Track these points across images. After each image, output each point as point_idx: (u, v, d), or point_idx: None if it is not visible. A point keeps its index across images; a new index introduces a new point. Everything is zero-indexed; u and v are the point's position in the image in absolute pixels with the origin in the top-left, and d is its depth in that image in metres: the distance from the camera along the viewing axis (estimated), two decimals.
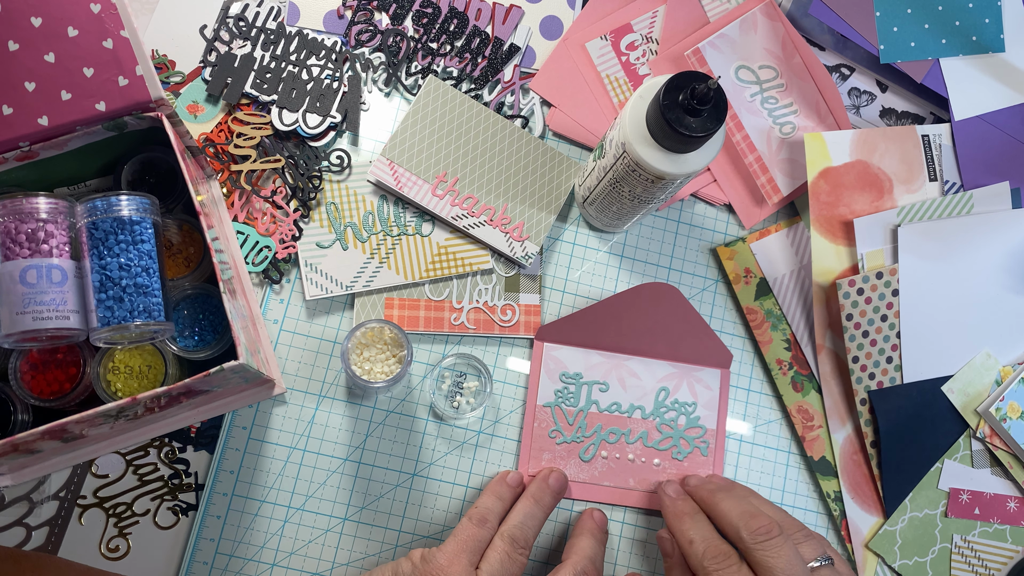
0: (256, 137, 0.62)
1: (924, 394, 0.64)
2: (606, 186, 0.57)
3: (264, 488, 0.59)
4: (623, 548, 0.62)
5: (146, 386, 0.54)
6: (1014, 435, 0.63)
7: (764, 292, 0.66)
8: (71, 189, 0.56)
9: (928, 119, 0.70)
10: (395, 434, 0.61)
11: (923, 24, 0.68)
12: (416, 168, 0.63)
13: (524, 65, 0.67)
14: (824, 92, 0.68)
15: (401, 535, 0.60)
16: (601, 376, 0.63)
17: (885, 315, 0.63)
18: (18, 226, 0.47)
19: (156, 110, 0.51)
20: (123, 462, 0.59)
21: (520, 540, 0.54)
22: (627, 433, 0.62)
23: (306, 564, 0.59)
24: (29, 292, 0.47)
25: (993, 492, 0.64)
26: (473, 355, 0.61)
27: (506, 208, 0.63)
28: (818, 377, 0.65)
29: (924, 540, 0.63)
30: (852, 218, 0.65)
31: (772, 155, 0.67)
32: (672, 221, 0.67)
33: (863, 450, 0.64)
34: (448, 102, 0.64)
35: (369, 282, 0.61)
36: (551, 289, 0.65)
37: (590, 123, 0.66)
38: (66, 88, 0.49)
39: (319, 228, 0.62)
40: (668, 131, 0.48)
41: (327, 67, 0.64)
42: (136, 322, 0.48)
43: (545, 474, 0.59)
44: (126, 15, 0.49)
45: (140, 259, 0.49)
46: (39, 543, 0.57)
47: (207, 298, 0.56)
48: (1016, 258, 0.66)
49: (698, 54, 0.67)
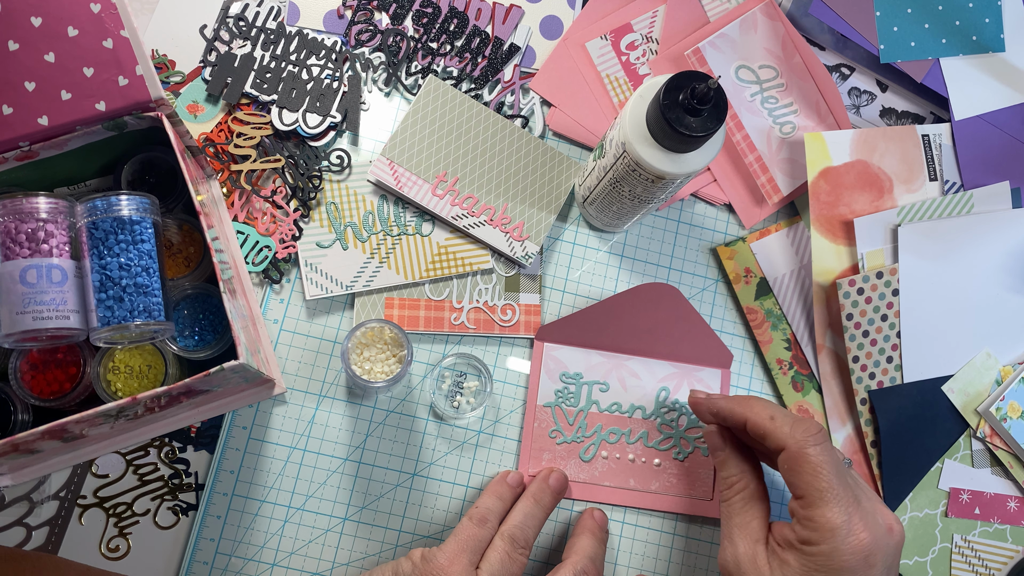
0: (256, 137, 0.62)
1: (924, 394, 0.64)
2: (606, 186, 0.57)
3: (264, 488, 0.59)
4: (623, 548, 0.62)
5: (146, 386, 0.54)
6: (1014, 435, 0.63)
7: (764, 292, 0.66)
8: (71, 189, 0.56)
9: (928, 119, 0.70)
10: (395, 434, 0.61)
11: (923, 24, 0.68)
12: (416, 168, 0.63)
13: (524, 65, 0.67)
14: (824, 92, 0.68)
15: (401, 535, 0.60)
16: (601, 376, 0.63)
17: (885, 315, 0.63)
18: (18, 226, 0.47)
19: (156, 110, 0.51)
20: (123, 462, 0.59)
21: (520, 540, 0.54)
22: (627, 433, 0.62)
23: (306, 564, 0.59)
24: (29, 292, 0.47)
25: (993, 492, 0.64)
26: (473, 355, 0.61)
27: (506, 208, 0.63)
28: (818, 377, 0.65)
29: (924, 540, 0.63)
30: (852, 218, 0.65)
31: (772, 155, 0.67)
32: (672, 221, 0.67)
33: (863, 450, 0.64)
34: (448, 102, 0.64)
35: (369, 282, 0.61)
36: (551, 289, 0.65)
37: (590, 123, 0.66)
38: (66, 88, 0.49)
39: (319, 228, 0.62)
40: (668, 131, 0.48)
41: (327, 67, 0.64)
42: (136, 322, 0.48)
43: (545, 474, 0.59)
44: (126, 15, 0.49)
45: (140, 259, 0.49)
46: (39, 543, 0.57)
47: (207, 298, 0.56)
48: (1016, 258, 0.66)
49: (698, 54, 0.67)
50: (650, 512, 0.62)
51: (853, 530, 0.46)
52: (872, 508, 0.49)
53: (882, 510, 0.50)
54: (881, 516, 0.49)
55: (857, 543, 0.46)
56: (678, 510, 0.62)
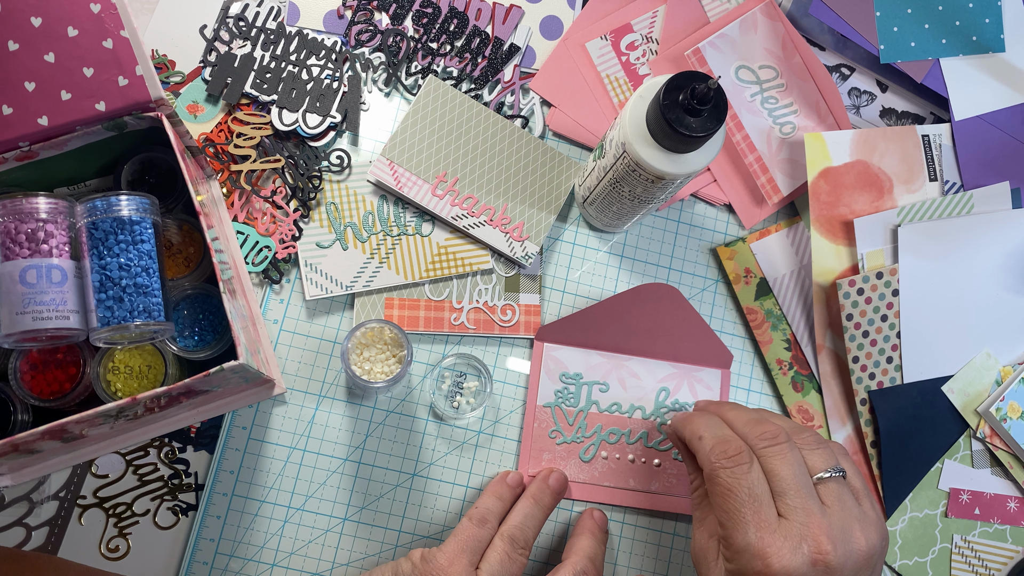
0: (256, 137, 0.62)
1: (924, 394, 0.64)
2: (606, 186, 0.57)
3: (264, 488, 0.59)
4: (623, 548, 0.62)
5: (146, 386, 0.54)
6: (1014, 435, 0.63)
7: (764, 292, 0.66)
8: (71, 189, 0.56)
9: (928, 119, 0.70)
10: (395, 434, 0.61)
11: (923, 24, 0.68)
12: (416, 168, 0.63)
13: (524, 65, 0.67)
14: (824, 92, 0.68)
15: (401, 535, 0.60)
16: (601, 376, 0.63)
17: (885, 315, 0.63)
18: (18, 226, 0.47)
19: (156, 110, 0.51)
20: (123, 462, 0.59)
21: (520, 540, 0.54)
22: (627, 433, 0.62)
23: (306, 564, 0.59)
24: (29, 292, 0.47)
25: (993, 492, 0.64)
26: (473, 355, 0.61)
27: (506, 208, 0.63)
28: (818, 377, 0.65)
29: (924, 540, 0.63)
30: (852, 218, 0.65)
31: (772, 155, 0.67)
32: (672, 221, 0.67)
33: (863, 450, 0.64)
34: (448, 102, 0.64)
35: (369, 282, 0.61)
36: (551, 289, 0.65)
37: (590, 123, 0.66)
38: (66, 88, 0.49)
39: (319, 228, 0.62)
40: (668, 131, 0.48)
41: (327, 67, 0.64)
42: (136, 322, 0.48)
43: (545, 474, 0.59)
44: (126, 15, 0.49)
45: (140, 259, 0.49)
46: (39, 543, 0.57)
47: (207, 298, 0.56)
48: (1016, 258, 0.66)
49: (698, 54, 0.67)
50: (650, 512, 0.62)
51: (759, 555, 0.45)
52: (801, 534, 0.46)
53: (817, 539, 0.45)
54: (811, 545, 0.45)
55: (761, 568, 0.45)
56: (678, 510, 0.62)
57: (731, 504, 0.47)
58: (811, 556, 0.45)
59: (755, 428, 0.50)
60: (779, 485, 0.47)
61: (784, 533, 0.46)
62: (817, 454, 0.49)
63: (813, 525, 0.46)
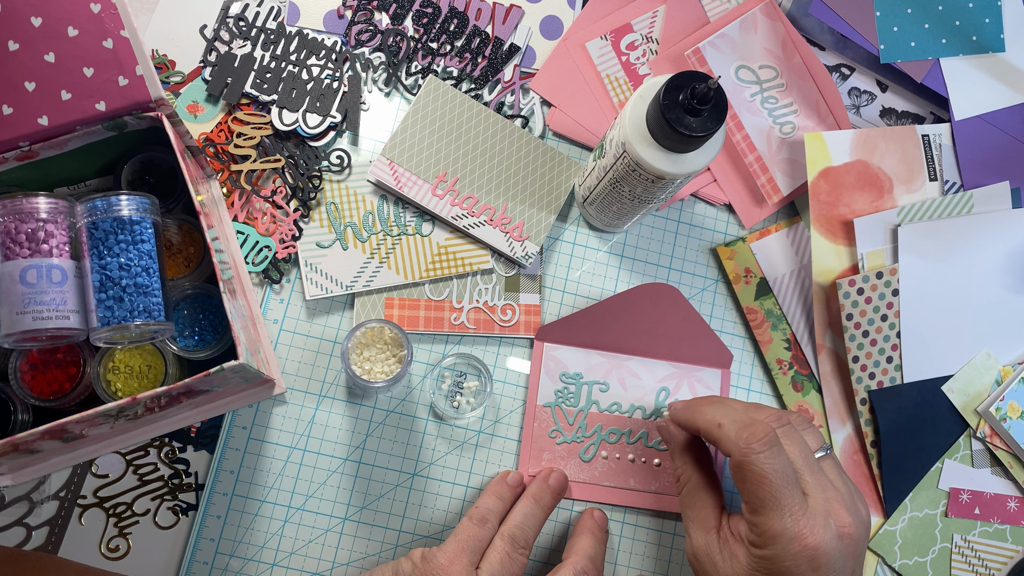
0: (256, 137, 0.62)
1: (924, 394, 0.64)
2: (606, 186, 0.57)
3: (264, 488, 0.59)
4: (623, 548, 0.62)
5: (146, 386, 0.54)
6: (1014, 435, 0.63)
7: (764, 292, 0.66)
8: (71, 189, 0.56)
9: (928, 119, 0.70)
10: (395, 434, 0.61)
11: (923, 24, 0.68)
12: (416, 168, 0.63)
13: (524, 65, 0.67)
14: (824, 92, 0.68)
15: (401, 535, 0.60)
16: (601, 376, 0.63)
17: (885, 315, 0.63)
18: (18, 226, 0.47)
19: (156, 110, 0.51)
20: (123, 462, 0.59)
21: (520, 540, 0.54)
22: (627, 433, 0.62)
23: (306, 564, 0.59)
24: (29, 292, 0.47)
25: (993, 492, 0.64)
26: (473, 355, 0.61)
27: (506, 208, 0.63)
28: (818, 377, 0.65)
29: (924, 540, 0.63)
30: (852, 218, 0.65)
31: (772, 155, 0.67)
32: (672, 221, 0.67)
33: (863, 450, 0.64)
34: (448, 102, 0.64)
35: (369, 282, 0.61)
36: (551, 289, 0.65)
37: (590, 123, 0.66)
38: (66, 88, 0.49)
39: (319, 228, 0.62)
40: (668, 131, 0.48)
41: (327, 67, 0.64)
42: (136, 322, 0.48)
43: (545, 474, 0.59)
44: (126, 15, 0.49)
45: (140, 259, 0.49)
46: (39, 543, 0.57)
47: (207, 298, 0.56)
48: (1016, 258, 0.66)
49: (698, 54, 0.67)
50: (650, 512, 0.62)
51: (797, 536, 0.46)
52: (827, 510, 0.48)
53: (839, 513, 0.48)
54: (836, 519, 0.48)
55: (799, 549, 0.46)
56: (678, 510, 0.62)
57: (766, 491, 0.47)
58: (837, 530, 0.48)
59: (758, 413, 0.51)
60: (795, 464, 0.49)
61: (812, 511, 0.47)
62: (809, 433, 0.52)
63: (832, 500, 0.48)
